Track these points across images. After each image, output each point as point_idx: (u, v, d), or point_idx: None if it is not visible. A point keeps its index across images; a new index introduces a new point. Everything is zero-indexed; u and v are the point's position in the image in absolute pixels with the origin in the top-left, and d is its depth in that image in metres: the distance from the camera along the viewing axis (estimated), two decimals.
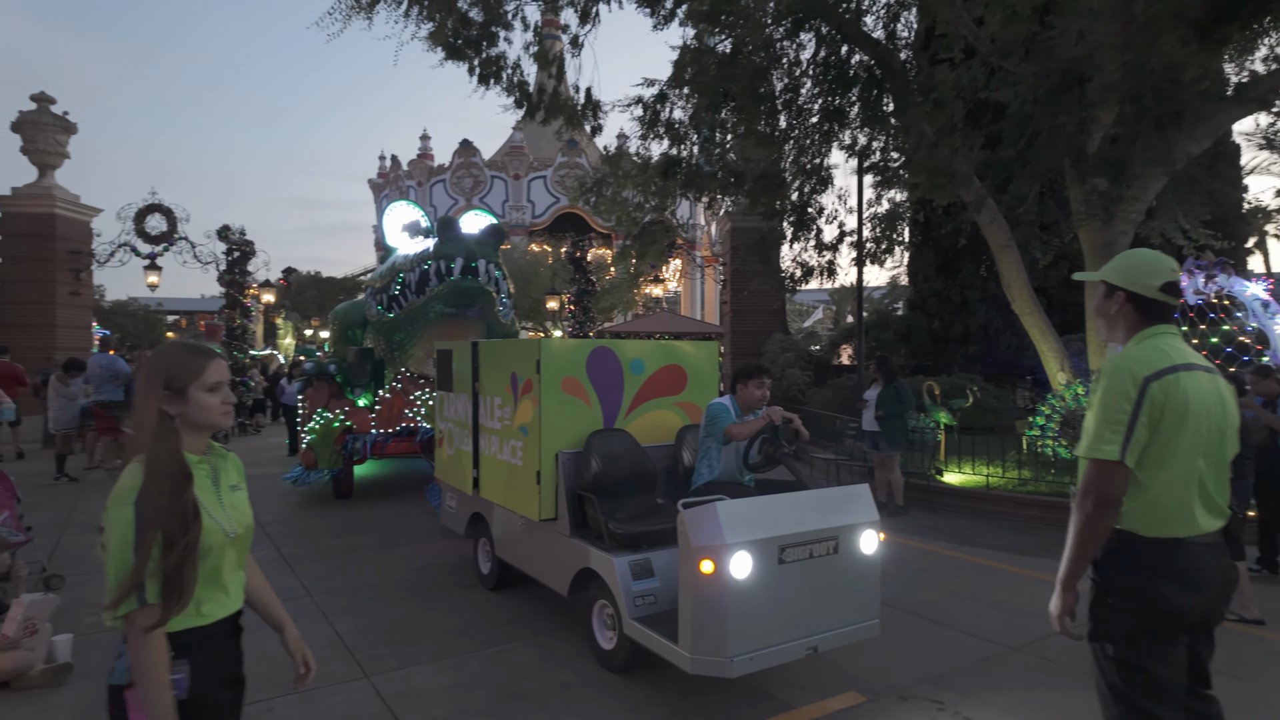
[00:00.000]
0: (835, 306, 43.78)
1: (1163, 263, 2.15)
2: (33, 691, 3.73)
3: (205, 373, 1.78)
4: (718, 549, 3.16)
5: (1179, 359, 2.04)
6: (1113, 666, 2.07)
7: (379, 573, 5.75)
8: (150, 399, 1.72)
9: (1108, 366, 2.07)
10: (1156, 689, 2.00)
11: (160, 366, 1.75)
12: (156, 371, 1.75)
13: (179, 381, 1.74)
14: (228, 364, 1.93)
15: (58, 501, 8.33)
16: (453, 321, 7.95)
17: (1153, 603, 2.01)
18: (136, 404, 1.74)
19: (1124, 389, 1.99)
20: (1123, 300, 2.17)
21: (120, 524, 1.60)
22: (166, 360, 1.77)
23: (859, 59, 8.52)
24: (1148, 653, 2.01)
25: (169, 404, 1.73)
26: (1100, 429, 2.01)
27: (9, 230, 14.59)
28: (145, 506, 1.62)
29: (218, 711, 1.78)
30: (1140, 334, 2.15)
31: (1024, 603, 5.07)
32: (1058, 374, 9.22)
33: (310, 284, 36.82)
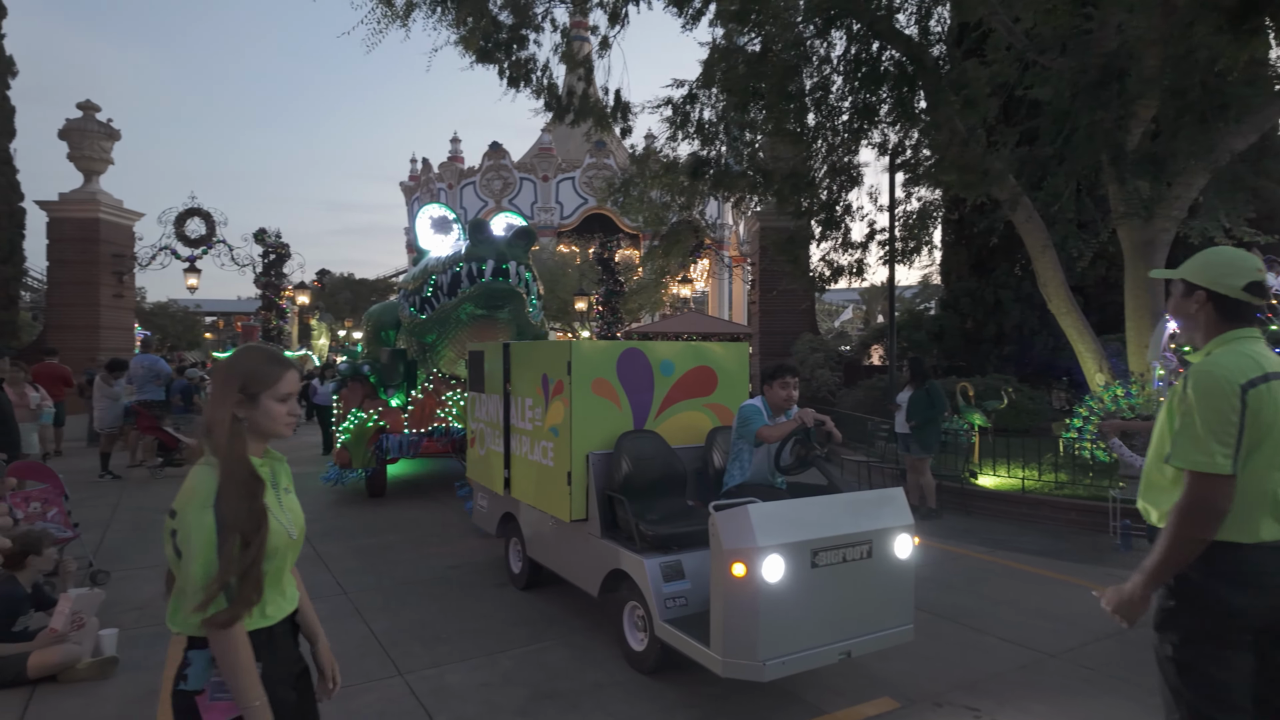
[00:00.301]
0: (865, 306, 43.37)
1: (1247, 261, 2.07)
2: (80, 684, 3.84)
3: (280, 382, 1.80)
4: (750, 552, 3.15)
5: (1269, 367, 1.98)
6: (1172, 668, 2.03)
7: (412, 571, 5.82)
8: (225, 402, 1.74)
9: (1198, 374, 1.99)
10: (1218, 694, 1.95)
11: (238, 371, 1.77)
12: (234, 375, 1.77)
13: (254, 387, 1.77)
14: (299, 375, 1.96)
15: (103, 498, 8.56)
16: (483, 323, 8.02)
17: (1214, 605, 1.96)
18: (211, 406, 1.76)
19: (1227, 399, 1.92)
20: (1203, 300, 2.09)
21: (203, 528, 1.62)
22: (245, 365, 1.79)
23: (890, 55, 8.43)
24: (1209, 656, 1.96)
25: (240, 408, 1.76)
26: (1207, 440, 1.92)
27: (56, 235, 15.04)
28: (224, 510, 1.64)
29: (284, 709, 1.80)
30: (1222, 336, 2.07)
31: (1062, 609, 4.96)
32: (1096, 375, 9.01)
33: (343, 285, 37.40)
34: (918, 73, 7.86)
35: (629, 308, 22.78)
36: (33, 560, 4.12)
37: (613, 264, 20.23)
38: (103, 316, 15.16)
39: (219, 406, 1.75)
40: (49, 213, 15.10)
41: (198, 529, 1.62)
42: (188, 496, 1.68)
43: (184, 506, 1.67)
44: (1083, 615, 4.83)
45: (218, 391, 1.77)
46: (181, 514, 1.66)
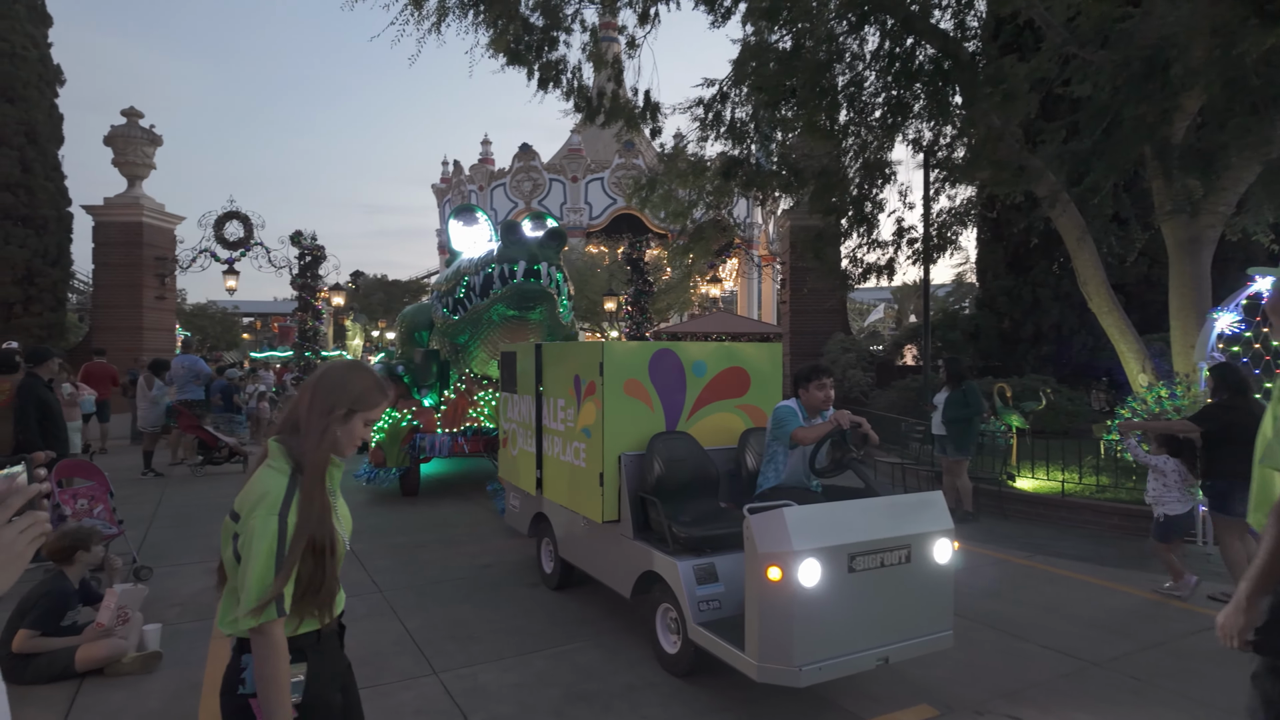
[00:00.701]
0: (897, 305, 42.81)
1: None
2: (125, 678, 3.93)
3: (377, 408, 1.83)
4: (785, 556, 3.11)
5: None
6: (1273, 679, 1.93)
7: (445, 570, 5.86)
8: (331, 414, 1.75)
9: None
10: None
11: (353, 391, 1.79)
12: (347, 394, 1.78)
13: (359, 406, 1.79)
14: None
15: (146, 496, 8.77)
16: (515, 323, 8.06)
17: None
18: (314, 416, 1.75)
19: None
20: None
21: (268, 534, 1.63)
22: (359, 387, 1.80)
23: (925, 51, 8.29)
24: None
25: (337, 423, 1.77)
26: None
27: (102, 239, 15.45)
28: (303, 518, 1.66)
29: (330, 713, 1.81)
30: None
31: (1107, 616, 4.84)
32: (1139, 375, 8.78)
33: (377, 287, 37.94)
34: (953, 69, 7.72)
35: (657, 307, 22.74)
36: (81, 556, 4.23)
37: (641, 264, 20.21)
38: (145, 318, 15.54)
39: (322, 418, 1.75)
40: (94, 217, 15.52)
41: (262, 535, 1.63)
42: (255, 500, 1.66)
43: (250, 510, 1.66)
44: (1129, 623, 4.71)
45: (324, 403, 1.76)
46: (247, 518, 1.65)
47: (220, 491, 9.03)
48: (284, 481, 1.68)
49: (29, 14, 15.49)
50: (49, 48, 16.04)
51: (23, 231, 14.91)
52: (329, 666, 1.83)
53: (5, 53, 14.76)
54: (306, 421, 1.75)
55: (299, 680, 1.73)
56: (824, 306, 16.12)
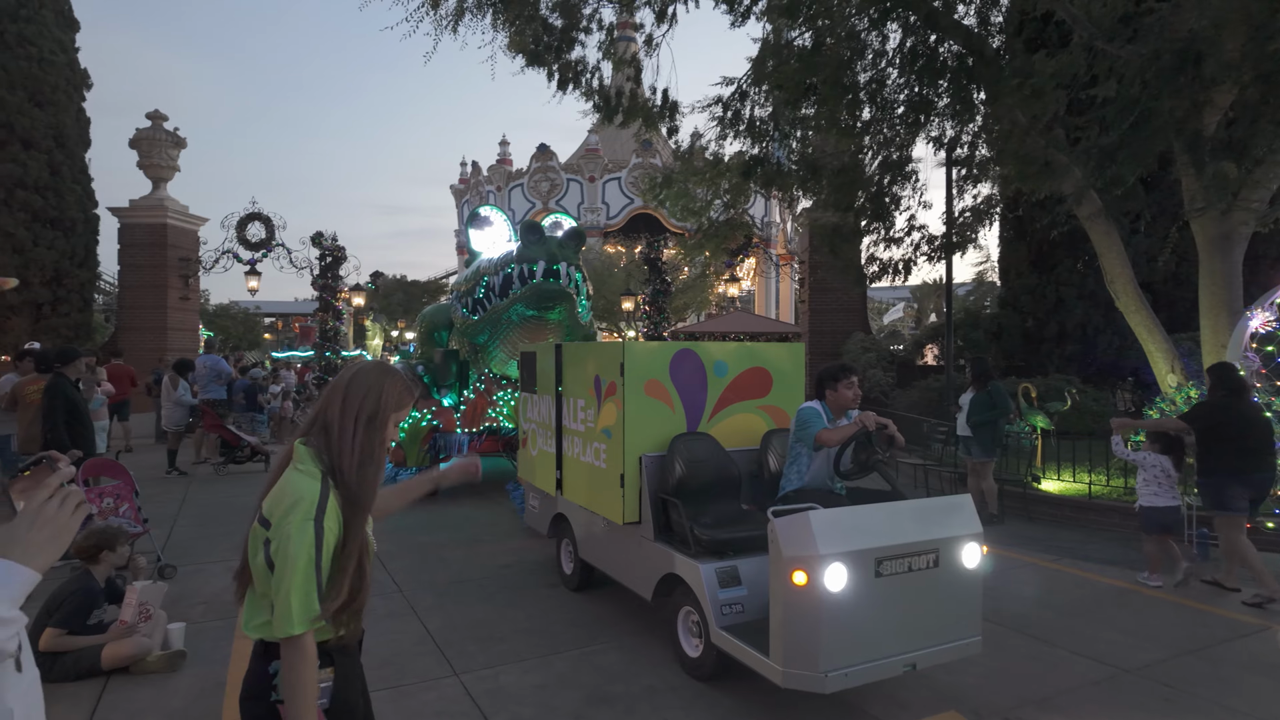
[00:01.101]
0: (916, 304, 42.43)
1: None
2: (151, 676, 3.96)
3: (405, 409, 1.82)
4: (811, 560, 3.06)
5: None
6: None
7: (465, 570, 5.87)
8: (377, 418, 1.74)
9: None
10: None
11: (391, 396, 1.77)
12: (386, 400, 1.76)
13: (392, 407, 1.78)
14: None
15: (170, 494, 8.87)
16: (534, 323, 8.06)
17: None
18: (347, 419, 1.72)
19: None
20: None
21: (305, 541, 1.59)
22: (393, 392, 1.78)
23: (948, 47, 8.18)
24: None
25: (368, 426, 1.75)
26: None
27: (127, 240, 15.67)
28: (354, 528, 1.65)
29: (354, 717, 1.80)
30: None
31: (1138, 621, 4.74)
32: (1168, 375, 8.61)
33: (396, 287, 38.20)
34: (977, 65, 7.61)
35: (675, 307, 22.67)
36: (107, 555, 4.27)
37: (659, 263, 20.16)
38: (170, 318, 15.75)
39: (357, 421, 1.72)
40: (120, 219, 15.75)
41: (299, 542, 1.59)
42: (289, 506, 1.62)
43: (284, 517, 1.61)
44: (1161, 628, 4.60)
45: (368, 409, 1.74)
46: (280, 524, 1.61)
47: (243, 490, 9.11)
48: (317, 486, 1.65)
49: (57, 19, 15.73)
50: (76, 52, 16.28)
51: (51, 233, 15.15)
52: (354, 670, 1.82)
53: (34, 58, 15.00)
54: (340, 426, 1.72)
55: (327, 685, 1.71)
56: (845, 306, 16.00)
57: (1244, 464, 5.10)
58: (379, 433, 1.75)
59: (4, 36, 14.70)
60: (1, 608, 1.05)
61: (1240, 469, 5.10)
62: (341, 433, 1.71)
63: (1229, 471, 5.09)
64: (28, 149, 14.85)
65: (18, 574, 1.10)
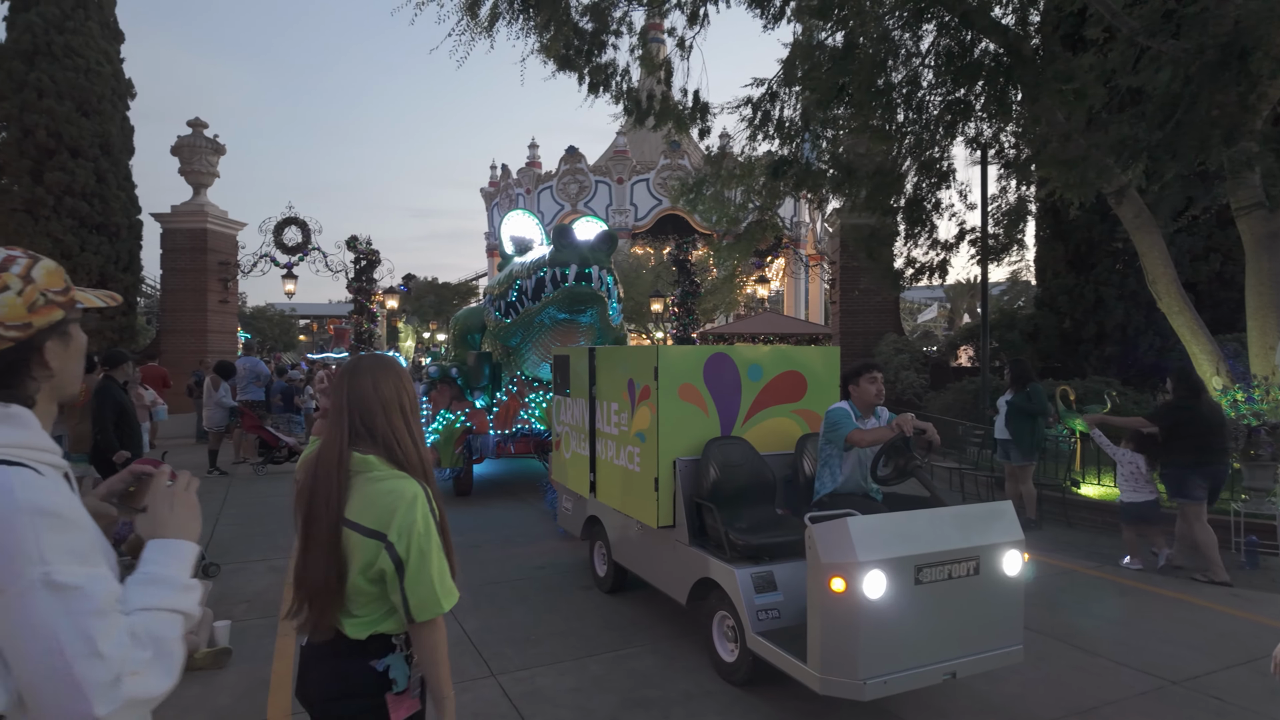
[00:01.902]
0: (950, 304, 41.83)
1: None
2: (198, 673, 4.06)
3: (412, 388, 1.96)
4: (849, 567, 3.05)
5: None
6: None
7: (500, 571, 5.92)
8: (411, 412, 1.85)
9: None
10: None
11: (406, 377, 1.90)
12: (406, 381, 1.88)
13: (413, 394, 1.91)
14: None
15: (211, 494, 9.08)
16: (566, 326, 8.11)
17: None
18: (407, 413, 1.84)
19: None
20: None
21: (432, 534, 1.73)
22: (405, 372, 1.91)
23: (985, 47, 8.06)
24: None
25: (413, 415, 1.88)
26: None
27: (169, 245, 16.07)
28: (441, 512, 1.81)
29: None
30: None
31: (1184, 631, 4.62)
32: (1213, 378, 8.38)
33: (428, 289, 38.63)
34: (1015, 64, 7.48)
35: (704, 308, 22.59)
36: None
37: (688, 265, 20.11)
38: (210, 320, 16.11)
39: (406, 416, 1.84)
40: (162, 224, 16.15)
41: (428, 535, 1.71)
42: (407, 508, 1.70)
43: (404, 519, 1.69)
44: (1210, 639, 4.49)
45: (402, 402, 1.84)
46: (404, 527, 1.68)
47: (281, 490, 9.29)
48: (416, 485, 1.75)
49: (102, 31, 16.19)
50: (121, 63, 16.74)
51: (97, 239, 15.59)
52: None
53: (81, 68, 15.45)
54: (401, 430, 1.81)
55: (420, 674, 1.82)
56: (875, 306, 15.82)
57: (1203, 457, 5.73)
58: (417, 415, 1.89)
59: (52, 48, 15.16)
60: (185, 575, 1.21)
61: (1200, 462, 5.73)
62: (398, 433, 1.80)
63: (1190, 464, 5.72)
64: (75, 157, 15.30)
65: (182, 548, 1.26)
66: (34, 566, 1.03)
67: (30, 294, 1.19)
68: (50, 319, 1.21)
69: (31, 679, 1.01)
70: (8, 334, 1.16)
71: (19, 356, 1.18)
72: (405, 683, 1.77)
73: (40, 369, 1.21)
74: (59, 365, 1.24)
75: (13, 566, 1.02)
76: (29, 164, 14.96)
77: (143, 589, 1.16)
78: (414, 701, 1.80)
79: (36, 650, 1.01)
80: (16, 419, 1.17)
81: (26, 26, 15.11)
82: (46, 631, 1.01)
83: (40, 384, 1.22)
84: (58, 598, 1.03)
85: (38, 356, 1.20)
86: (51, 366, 1.22)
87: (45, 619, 1.01)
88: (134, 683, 1.04)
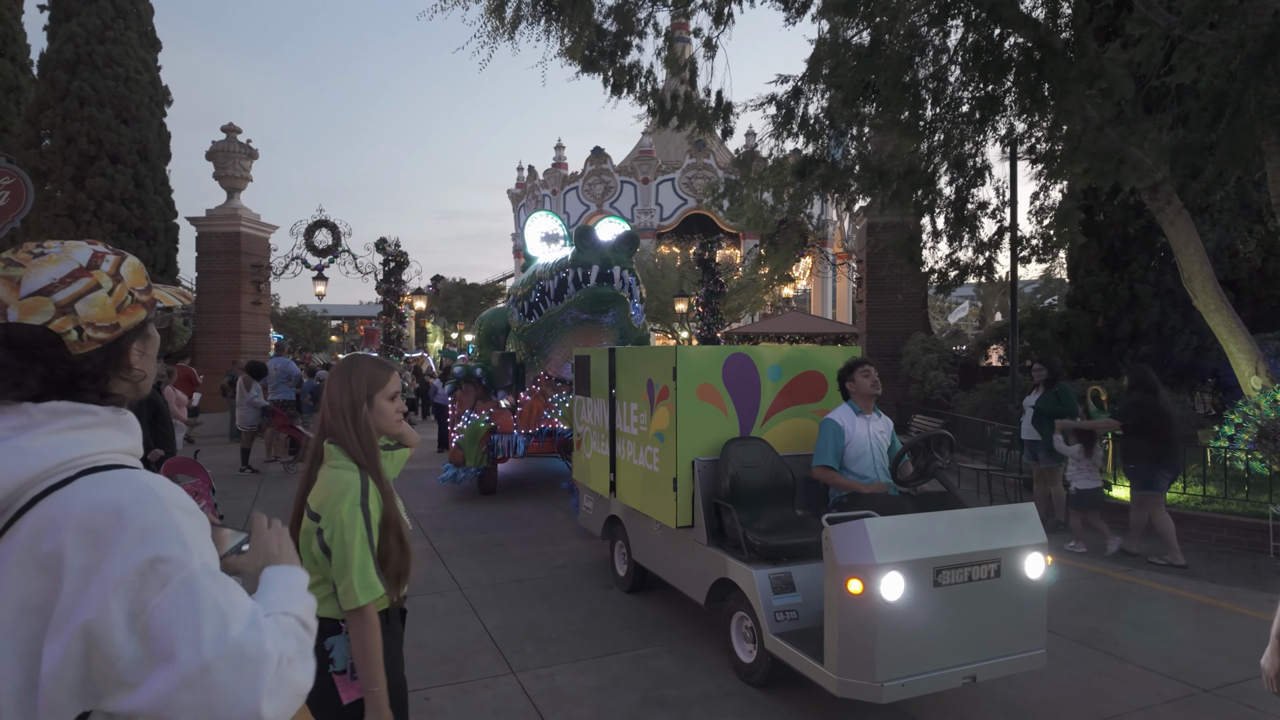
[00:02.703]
0: (981, 303, 41.16)
1: None
2: None
3: (389, 383, 1.97)
4: (867, 569, 3.02)
5: None
6: None
7: (522, 569, 5.97)
8: (360, 408, 1.91)
9: None
10: None
11: (357, 378, 1.94)
12: (355, 383, 1.93)
13: (372, 388, 1.94)
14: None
15: (244, 491, 9.28)
16: (588, 327, 8.14)
17: None
18: (347, 411, 1.91)
19: None
20: None
21: (358, 523, 1.80)
22: (362, 372, 1.95)
23: (1014, 41, 7.92)
24: None
25: (362, 410, 1.93)
26: None
27: (204, 248, 16.45)
28: (388, 507, 1.86)
29: (398, 688, 1.94)
30: None
31: (1217, 638, 4.51)
32: (1251, 378, 8.16)
33: (456, 290, 39.03)
34: (1045, 58, 7.34)
35: (729, 308, 22.52)
36: None
37: (713, 264, 20.05)
38: (243, 322, 16.45)
39: (356, 413, 1.90)
40: (197, 228, 16.53)
41: (352, 525, 1.79)
42: (337, 496, 1.82)
43: (334, 506, 1.81)
44: (1244, 645, 4.37)
45: (353, 399, 1.91)
46: (332, 513, 1.81)
47: None
48: (356, 477, 1.85)
49: (141, 40, 16.62)
50: (158, 70, 17.17)
51: (135, 242, 16.00)
52: (396, 646, 1.97)
53: (120, 77, 15.88)
54: (340, 425, 1.91)
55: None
56: (902, 305, 15.63)
57: (1165, 451, 6.07)
58: (375, 412, 1.93)
59: (93, 58, 15.60)
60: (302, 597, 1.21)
61: (1164, 456, 6.07)
62: (343, 431, 1.90)
63: (1156, 459, 6.04)
64: (115, 163, 15.72)
65: (293, 573, 1.27)
66: (195, 556, 1.01)
67: (120, 293, 1.14)
68: (136, 319, 1.16)
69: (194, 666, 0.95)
70: (96, 335, 1.10)
71: (107, 358, 1.13)
72: (343, 664, 1.84)
73: (126, 370, 1.16)
74: (142, 366, 1.19)
75: (179, 553, 0.99)
76: (71, 170, 15.41)
77: (278, 595, 1.18)
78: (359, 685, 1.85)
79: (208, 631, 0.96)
80: (129, 425, 1.14)
81: (69, 37, 15.57)
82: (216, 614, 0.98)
83: (127, 386, 1.17)
84: (215, 583, 1.01)
85: (124, 358, 1.15)
86: (135, 368, 1.17)
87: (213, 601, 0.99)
88: (291, 671, 1.04)
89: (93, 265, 1.13)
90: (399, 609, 2.02)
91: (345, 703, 1.82)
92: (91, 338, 1.10)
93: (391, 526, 1.86)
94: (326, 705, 1.83)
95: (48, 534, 0.98)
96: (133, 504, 1.01)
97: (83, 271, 1.11)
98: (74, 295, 1.09)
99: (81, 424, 1.08)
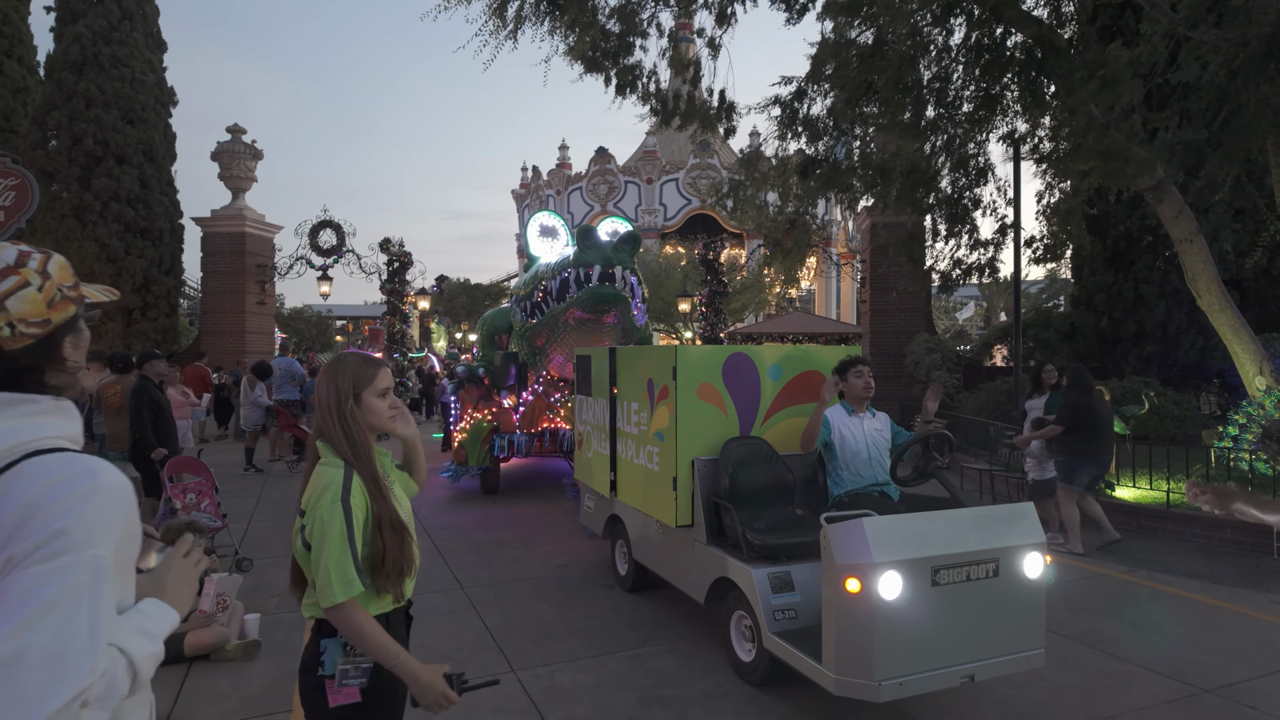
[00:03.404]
0: (985, 303, 41.06)
1: None
2: (229, 663, 4.19)
3: (377, 379, 1.96)
4: (864, 568, 3.03)
5: None
6: None
7: (523, 568, 5.99)
8: (345, 404, 1.90)
9: None
10: None
11: (343, 376, 1.93)
12: (341, 381, 1.92)
13: (359, 385, 1.93)
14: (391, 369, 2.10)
15: (248, 490, 9.32)
16: (590, 327, 8.15)
17: None
18: (332, 409, 1.91)
19: None
20: None
21: (336, 519, 1.77)
22: (347, 370, 1.95)
23: (1016, 40, 7.91)
24: None
25: (349, 407, 1.92)
26: None
27: (209, 248, 16.51)
28: (380, 504, 1.84)
29: (394, 698, 1.91)
30: None
31: (1218, 639, 4.50)
32: (1255, 378, 8.13)
33: (460, 290, 39.08)
34: (1048, 57, 7.33)
35: (732, 308, 22.50)
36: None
37: (716, 264, 20.04)
38: (248, 322, 16.51)
39: (339, 409, 1.90)
40: (202, 228, 16.60)
41: (330, 521, 1.77)
42: (319, 492, 1.82)
43: (315, 502, 1.81)
44: (1246, 646, 4.36)
45: (337, 396, 1.91)
46: (313, 509, 1.81)
47: None
48: (340, 473, 1.84)
49: (147, 41, 16.69)
50: (164, 71, 17.24)
51: (141, 243, 16.06)
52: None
53: (127, 78, 15.95)
54: (329, 424, 1.90)
55: (368, 666, 1.82)
56: (906, 305, 15.60)
57: (1094, 449, 6.38)
58: (365, 408, 1.92)
59: (99, 59, 15.67)
60: (156, 644, 1.19)
61: (1092, 453, 6.37)
62: (330, 429, 1.90)
63: (1082, 455, 6.33)
64: (121, 164, 15.79)
65: (169, 615, 1.27)
66: (91, 547, 1.04)
67: (49, 290, 1.18)
68: (66, 314, 1.21)
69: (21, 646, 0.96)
70: (29, 330, 1.15)
71: (41, 353, 1.18)
72: (331, 669, 1.81)
73: (60, 364, 1.21)
74: (75, 361, 1.24)
75: (75, 537, 1.03)
76: (77, 171, 15.48)
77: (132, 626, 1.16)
78: (351, 692, 1.81)
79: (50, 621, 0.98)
80: (70, 412, 1.19)
81: (75, 38, 15.64)
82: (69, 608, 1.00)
83: (64, 378, 1.22)
84: (92, 583, 1.03)
85: (58, 352, 1.20)
86: (69, 360, 1.22)
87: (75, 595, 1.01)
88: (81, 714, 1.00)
89: (20, 264, 1.16)
90: (403, 610, 1.97)
91: (331, 706, 1.81)
92: (24, 333, 1.15)
93: (385, 523, 1.83)
94: (316, 705, 1.83)
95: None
96: (68, 480, 1.07)
97: (10, 270, 1.15)
98: (3, 293, 1.14)
99: (25, 412, 1.14)
